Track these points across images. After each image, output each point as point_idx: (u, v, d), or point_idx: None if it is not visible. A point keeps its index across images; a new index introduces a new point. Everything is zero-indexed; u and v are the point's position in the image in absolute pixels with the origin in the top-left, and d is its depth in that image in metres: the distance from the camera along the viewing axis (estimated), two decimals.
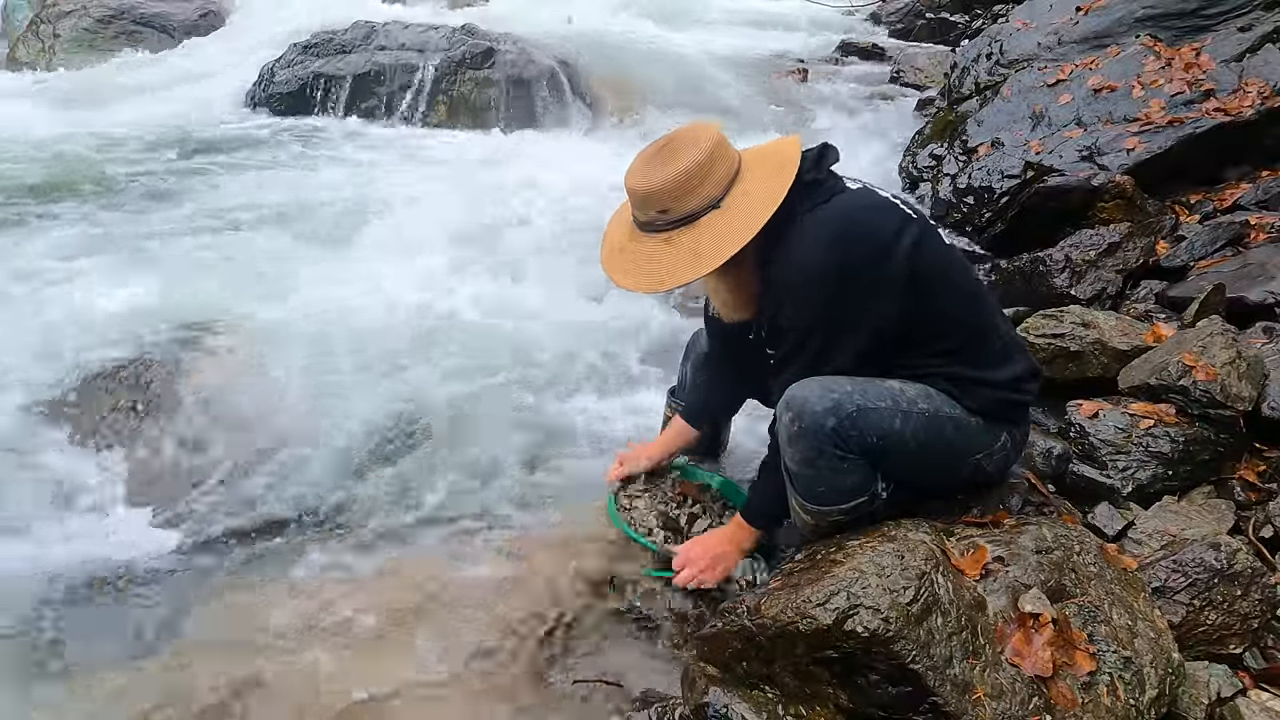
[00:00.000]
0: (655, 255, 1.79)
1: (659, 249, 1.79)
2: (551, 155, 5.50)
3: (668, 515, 2.31)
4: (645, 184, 1.77)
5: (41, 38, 7.51)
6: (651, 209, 1.78)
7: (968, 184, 4.02)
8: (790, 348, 1.84)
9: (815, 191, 1.79)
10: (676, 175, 1.74)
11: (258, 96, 6.41)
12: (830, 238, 1.75)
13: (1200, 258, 3.19)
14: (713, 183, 1.76)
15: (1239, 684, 1.71)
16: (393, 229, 4.20)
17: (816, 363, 1.82)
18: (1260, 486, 2.20)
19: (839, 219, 1.77)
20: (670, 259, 1.77)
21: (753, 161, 1.83)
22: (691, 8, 8.74)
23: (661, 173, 1.75)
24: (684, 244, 1.76)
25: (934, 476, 1.97)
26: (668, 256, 1.77)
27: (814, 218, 1.77)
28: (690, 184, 1.74)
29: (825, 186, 1.81)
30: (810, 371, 1.82)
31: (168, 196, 4.60)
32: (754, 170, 1.81)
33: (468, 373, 3.10)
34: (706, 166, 1.75)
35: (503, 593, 2.17)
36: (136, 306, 3.32)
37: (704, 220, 1.76)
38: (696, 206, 1.76)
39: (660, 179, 1.75)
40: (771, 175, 1.78)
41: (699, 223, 1.76)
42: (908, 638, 1.53)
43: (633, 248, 1.84)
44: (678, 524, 2.30)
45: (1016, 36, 5.05)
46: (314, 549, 2.31)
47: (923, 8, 8.37)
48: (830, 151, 1.85)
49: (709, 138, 1.77)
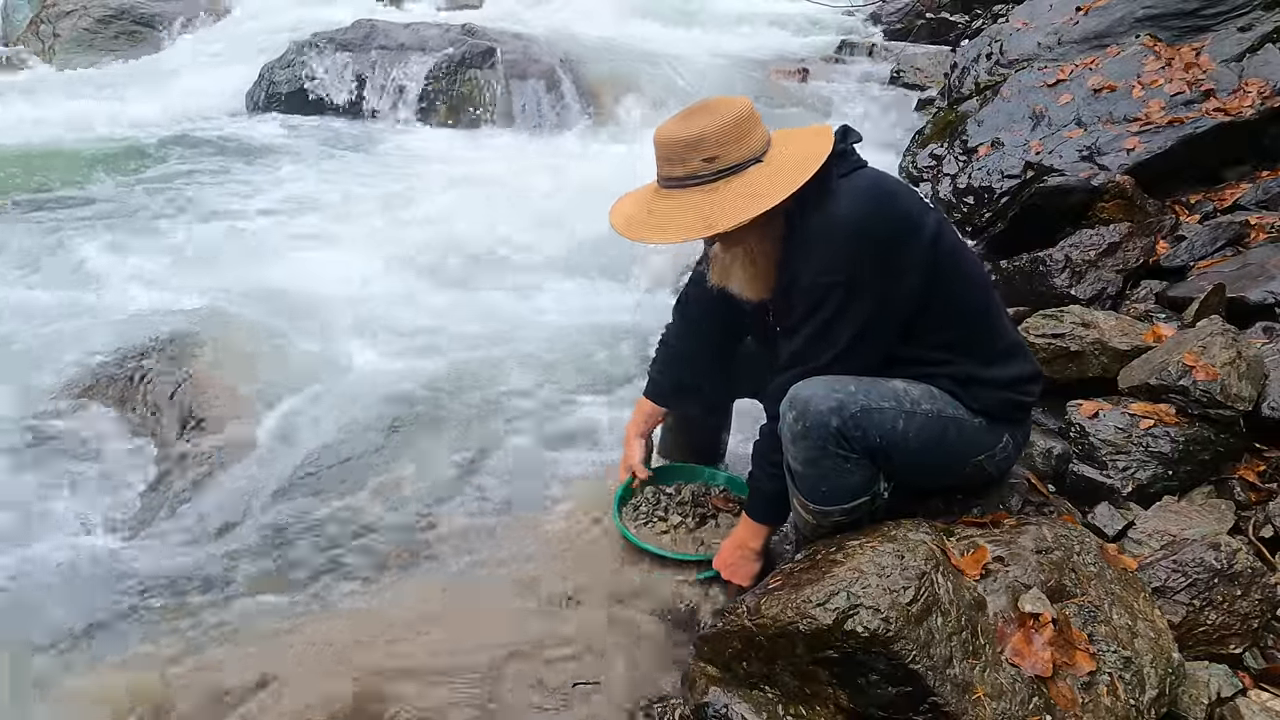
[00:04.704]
0: (700, 204, 1.74)
1: (702, 199, 1.75)
2: (551, 154, 5.50)
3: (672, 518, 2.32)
4: (691, 130, 1.73)
5: (41, 37, 7.51)
6: (697, 156, 1.74)
7: (968, 184, 4.02)
8: (804, 310, 1.80)
9: (845, 160, 1.81)
10: (727, 120, 1.73)
11: (258, 96, 6.42)
12: (868, 199, 1.76)
13: (1200, 258, 3.18)
14: (757, 138, 1.76)
15: (1239, 684, 1.71)
16: (392, 228, 4.21)
17: (826, 330, 1.79)
18: (1260, 486, 2.20)
19: (874, 185, 1.79)
20: (720, 203, 1.73)
21: (783, 134, 1.85)
22: (692, 8, 8.74)
23: (710, 120, 1.73)
24: (734, 189, 1.73)
25: (936, 477, 1.97)
26: (716, 202, 1.73)
27: (849, 182, 1.78)
28: (739, 130, 1.73)
29: (854, 158, 1.83)
30: (818, 340, 1.80)
31: (167, 197, 4.60)
32: (787, 139, 1.82)
33: (467, 373, 3.10)
34: (750, 120, 1.76)
35: (503, 593, 2.17)
36: (138, 307, 3.32)
37: (750, 170, 1.74)
38: (742, 157, 1.74)
39: (711, 123, 1.73)
40: (809, 139, 1.80)
41: (746, 172, 1.74)
42: (908, 638, 1.53)
43: (665, 205, 1.79)
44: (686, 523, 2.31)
45: (1016, 36, 5.04)
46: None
47: (923, 8, 8.36)
48: (851, 131, 1.86)
49: (745, 100, 1.78)
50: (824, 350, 1.80)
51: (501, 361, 3.17)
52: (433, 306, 3.52)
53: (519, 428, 2.84)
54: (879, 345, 1.82)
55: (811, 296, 1.78)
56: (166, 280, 3.55)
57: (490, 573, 2.24)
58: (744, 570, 2.07)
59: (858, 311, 1.76)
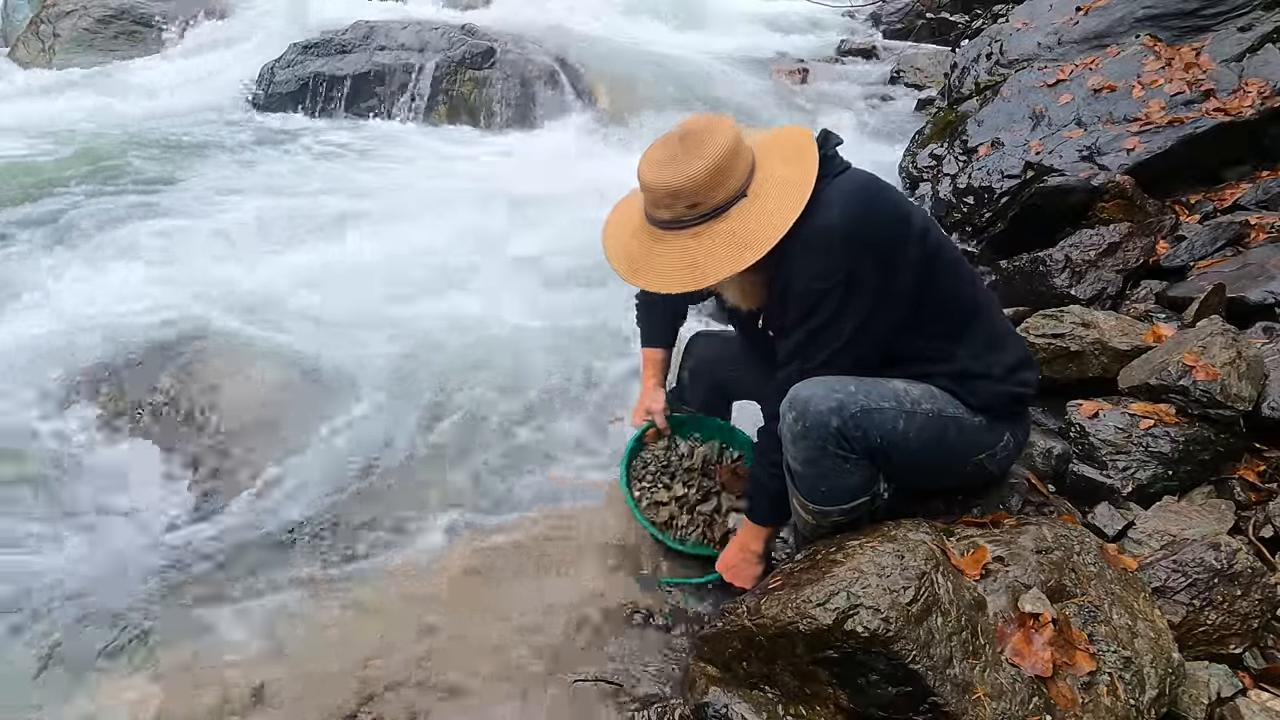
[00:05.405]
0: (689, 251, 1.75)
1: (689, 244, 1.75)
2: (552, 154, 5.50)
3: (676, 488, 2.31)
4: (672, 179, 1.72)
5: (41, 38, 7.50)
6: (680, 204, 1.74)
7: (968, 184, 4.02)
8: (799, 314, 1.80)
9: (829, 164, 1.80)
10: (706, 168, 1.71)
11: (258, 96, 6.41)
12: (854, 202, 1.74)
13: (1200, 258, 3.18)
14: (739, 173, 1.74)
15: (1239, 684, 1.71)
16: (391, 228, 4.20)
17: (822, 331, 1.79)
18: (1260, 486, 2.20)
19: (860, 187, 1.78)
20: (707, 251, 1.73)
21: (765, 149, 1.82)
22: (692, 8, 8.74)
23: (689, 167, 1.71)
24: (719, 235, 1.73)
25: (936, 476, 1.98)
26: (703, 250, 1.74)
27: (835, 185, 1.76)
28: (720, 176, 1.72)
29: (837, 160, 1.82)
30: (814, 341, 1.80)
31: (167, 196, 4.59)
32: (770, 157, 1.80)
33: (462, 376, 3.10)
34: (732, 156, 1.73)
35: (503, 593, 2.17)
36: (137, 305, 3.32)
37: (734, 210, 1.74)
38: (725, 198, 1.73)
39: (690, 173, 1.71)
40: (792, 160, 1.78)
41: (729, 213, 1.74)
42: (908, 638, 1.53)
43: (658, 249, 1.79)
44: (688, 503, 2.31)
45: (1016, 36, 5.05)
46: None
47: (923, 8, 8.37)
48: (831, 135, 1.86)
49: (729, 127, 1.75)
50: (820, 350, 1.80)
51: (498, 363, 3.17)
52: (431, 306, 3.52)
53: (517, 431, 2.84)
54: (876, 343, 1.82)
55: (806, 301, 1.78)
56: (163, 282, 3.54)
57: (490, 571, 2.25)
58: (746, 573, 2.08)
59: (854, 311, 1.76)
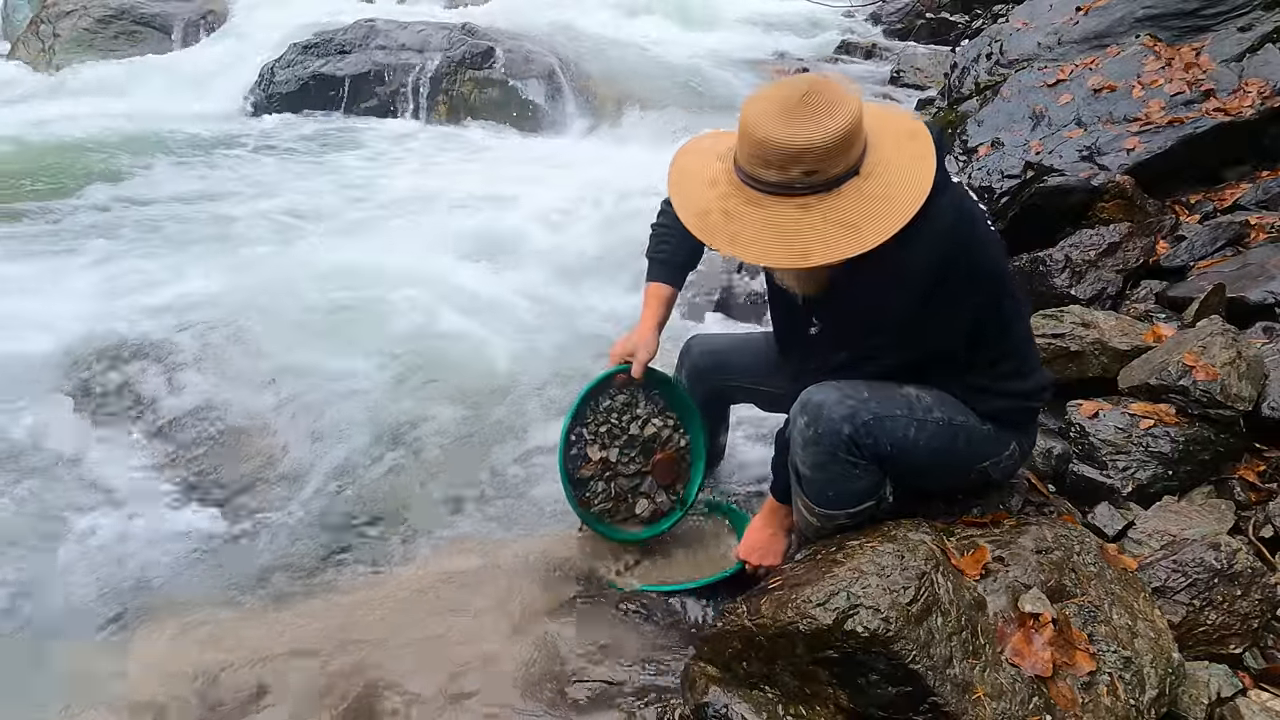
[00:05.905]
0: (793, 223, 1.57)
1: (796, 216, 1.57)
2: (551, 154, 5.50)
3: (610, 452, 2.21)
4: (798, 138, 1.53)
5: (41, 38, 7.50)
6: (797, 169, 1.55)
7: (967, 184, 4.02)
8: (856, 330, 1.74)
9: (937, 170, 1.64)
10: (836, 133, 1.52)
11: (258, 96, 6.42)
12: (951, 244, 1.63)
13: (1200, 258, 3.18)
14: (859, 146, 1.58)
15: (1239, 684, 1.71)
16: (390, 228, 4.20)
17: (868, 358, 1.75)
18: (1260, 486, 2.20)
19: (955, 227, 1.64)
20: (819, 232, 1.56)
21: (875, 126, 1.64)
22: (692, 7, 8.74)
23: (817, 128, 1.52)
24: (830, 211, 1.56)
25: (940, 480, 1.98)
26: (813, 228, 1.56)
27: (941, 210, 1.62)
28: (846, 144, 1.54)
29: (939, 174, 1.64)
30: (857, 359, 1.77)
31: (166, 196, 4.59)
32: (881, 137, 1.63)
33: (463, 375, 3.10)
34: (860, 124, 1.56)
35: (504, 593, 2.17)
36: (136, 306, 3.32)
37: (846, 187, 1.57)
38: (842, 170, 1.56)
39: (818, 135, 1.52)
40: (904, 142, 1.63)
41: (841, 190, 1.57)
42: (908, 638, 1.53)
43: (748, 212, 1.60)
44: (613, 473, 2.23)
45: (1016, 36, 5.04)
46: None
47: (923, 8, 8.37)
48: (943, 141, 1.73)
49: (853, 92, 1.57)
50: (866, 364, 1.79)
51: (496, 363, 3.17)
52: (430, 306, 3.52)
53: (515, 432, 2.84)
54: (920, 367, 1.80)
55: (871, 318, 1.74)
56: (163, 278, 3.55)
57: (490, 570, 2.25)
58: (775, 549, 2.02)
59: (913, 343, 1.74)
